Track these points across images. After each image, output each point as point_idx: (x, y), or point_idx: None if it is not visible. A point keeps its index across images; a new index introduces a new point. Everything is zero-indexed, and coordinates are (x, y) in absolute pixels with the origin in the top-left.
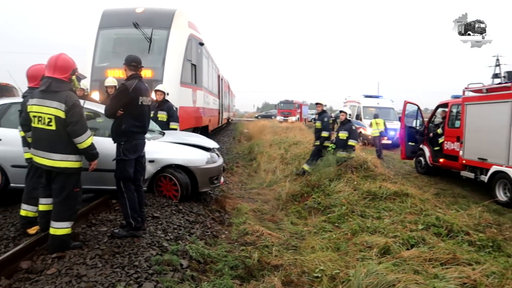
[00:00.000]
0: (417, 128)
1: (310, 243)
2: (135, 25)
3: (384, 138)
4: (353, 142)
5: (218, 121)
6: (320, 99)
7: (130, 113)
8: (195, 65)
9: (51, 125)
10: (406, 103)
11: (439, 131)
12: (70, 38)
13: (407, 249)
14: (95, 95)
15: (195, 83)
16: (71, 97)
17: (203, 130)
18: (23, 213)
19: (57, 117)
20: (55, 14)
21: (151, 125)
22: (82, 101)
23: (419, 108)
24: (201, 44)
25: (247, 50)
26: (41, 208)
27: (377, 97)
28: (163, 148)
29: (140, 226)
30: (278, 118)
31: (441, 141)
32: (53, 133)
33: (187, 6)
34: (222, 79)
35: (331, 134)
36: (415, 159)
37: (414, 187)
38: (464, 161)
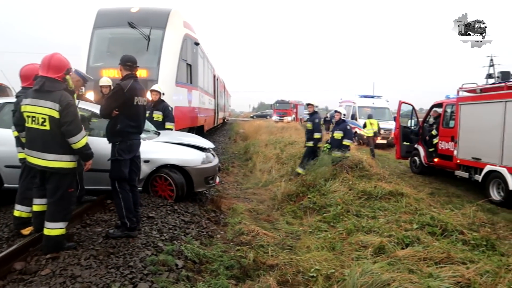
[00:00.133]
0: (412, 128)
1: (305, 243)
2: (130, 25)
3: (377, 138)
4: (348, 142)
5: (213, 121)
6: (311, 100)
7: (125, 113)
8: (190, 65)
9: (45, 125)
10: (401, 103)
11: (434, 132)
12: (70, 38)
13: (402, 249)
14: (90, 95)
15: (191, 83)
16: (65, 97)
17: (198, 130)
18: (17, 213)
19: (51, 117)
20: (55, 14)
21: (146, 125)
22: (76, 101)
23: (413, 108)
24: (197, 44)
25: (243, 50)
26: (35, 208)
27: (372, 97)
28: (158, 148)
29: (135, 226)
30: (273, 118)
31: (435, 141)
32: (47, 133)
33: (183, 5)
34: (217, 79)
35: (322, 134)
36: (410, 159)
37: (409, 186)
38: (458, 161)
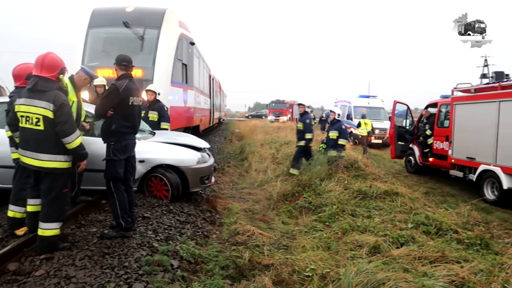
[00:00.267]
0: (407, 127)
1: (301, 243)
2: (125, 24)
3: (371, 137)
4: (343, 141)
5: (209, 121)
6: (302, 100)
7: (120, 113)
8: (186, 65)
9: (39, 125)
10: (395, 102)
11: (428, 132)
12: (70, 38)
13: (397, 248)
14: (85, 95)
15: (186, 82)
16: (59, 97)
17: (194, 130)
18: (10, 214)
19: (45, 117)
20: (55, 14)
21: (142, 125)
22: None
23: (408, 108)
24: (192, 43)
25: (239, 50)
26: (29, 209)
27: (368, 97)
28: (153, 148)
29: (130, 226)
30: (269, 118)
31: (430, 141)
32: (41, 133)
33: (178, 5)
34: (213, 79)
35: (313, 135)
36: (405, 159)
37: (404, 186)
38: (453, 160)
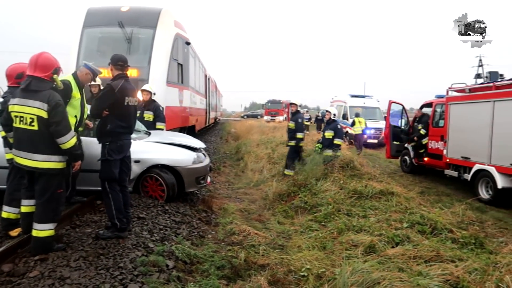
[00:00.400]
0: (402, 127)
1: (296, 242)
2: (121, 24)
3: (365, 135)
4: (338, 141)
5: (205, 120)
6: (294, 99)
7: (115, 113)
8: (181, 65)
9: (33, 125)
10: (391, 102)
11: (423, 131)
12: (70, 37)
13: (392, 247)
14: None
15: (182, 82)
16: (53, 97)
17: (190, 130)
18: (4, 215)
19: (39, 117)
20: (55, 14)
21: (137, 125)
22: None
23: (403, 107)
24: (188, 43)
25: (235, 50)
26: (23, 209)
27: (363, 96)
28: (149, 148)
29: (125, 227)
30: (265, 118)
31: (424, 142)
32: (36, 133)
33: (174, 5)
34: (209, 79)
35: (304, 134)
36: (400, 158)
37: (399, 185)
38: (448, 160)
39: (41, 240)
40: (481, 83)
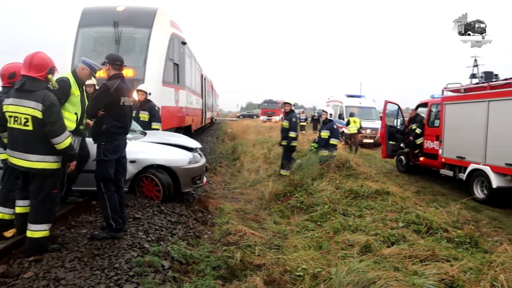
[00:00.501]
0: (398, 127)
1: (292, 242)
2: (116, 24)
3: (360, 135)
4: (334, 141)
5: (201, 120)
6: (288, 99)
7: (111, 113)
8: (177, 65)
9: (27, 125)
10: (386, 102)
11: (418, 131)
12: (65, 37)
13: (388, 247)
14: None
15: (178, 82)
16: (48, 97)
17: (186, 130)
18: None
19: (34, 117)
20: (55, 14)
21: (133, 125)
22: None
23: (399, 107)
24: (184, 43)
25: (231, 50)
26: (18, 210)
27: (359, 96)
28: (144, 148)
29: (120, 227)
30: (261, 117)
31: (419, 142)
32: (30, 134)
33: (170, 5)
34: (205, 79)
35: (298, 134)
36: (396, 158)
37: (395, 185)
38: (443, 160)
39: (35, 241)
40: (476, 83)
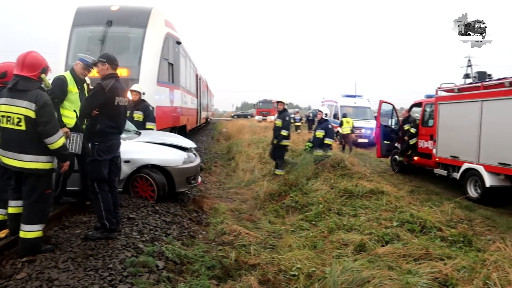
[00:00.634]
0: (392, 127)
1: (287, 242)
2: (110, 24)
3: (353, 134)
4: (329, 140)
5: (196, 120)
6: (281, 98)
7: (105, 113)
8: (172, 64)
9: (20, 125)
10: (381, 102)
11: (413, 130)
12: (59, 37)
13: (382, 246)
14: None
15: (173, 82)
16: (41, 96)
17: (181, 129)
18: None
19: (27, 117)
20: (55, 13)
21: (127, 124)
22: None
23: (394, 107)
24: (178, 43)
25: (226, 49)
26: (11, 210)
27: (354, 96)
28: (139, 148)
29: (114, 227)
30: (257, 117)
31: (412, 142)
32: (23, 134)
33: (164, 4)
34: (200, 79)
35: (289, 133)
36: (390, 158)
37: (389, 185)
38: (437, 159)
39: (28, 241)
40: (470, 83)
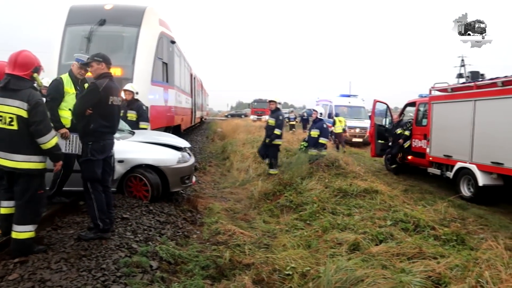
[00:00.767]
0: (387, 126)
1: (281, 241)
2: (104, 22)
3: (345, 133)
4: (324, 140)
5: (191, 120)
6: (274, 97)
7: (99, 112)
8: (166, 64)
9: (12, 125)
10: (375, 101)
11: (407, 132)
12: (52, 36)
13: (376, 245)
14: None
15: (167, 81)
16: (34, 96)
17: (175, 129)
18: None
19: (19, 117)
20: (55, 14)
21: (121, 124)
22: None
23: (388, 107)
24: (173, 42)
25: (221, 49)
26: (3, 211)
27: (349, 96)
28: (132, 147)
29: (108, 228)
30: (251, 117)
31: (407, 145)
32: (15, 133)
33: (158, 3)
34: (194, 78)
35: (282, 132)
36: (384, 157)
37: (383, 184)
38: (431, 158)
39: (21, 242)
40: (463, 83)
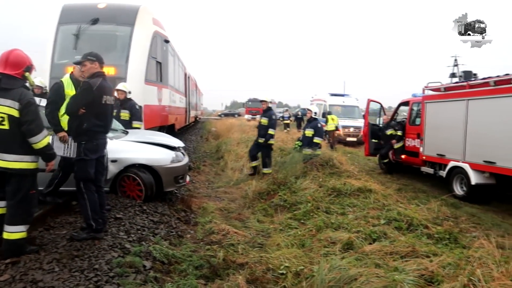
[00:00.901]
0: (380, 125)
1: (275, 240)
2: (97, 21)
3: (338, 130)
4: (318, 139)
5: (185, 119)
6: (264, 97)
7: (92, 112)
8: (160, 63)
9: (3, 125)
10: (369, 101)
11: (400, 132)
12: (45, 35)
13: (370, 244)
14: None
15: (161, 81)
16: (25, 95)
17: (169, 129)
18: None
19: (10, 116)
20: (54, 13)
21: (114, 123)
22: (38, 99)
23: (382, 106)
24: (167, 41)
25: (215, 48)
26: None
27: (343, 95)
28: (126, 147)
29: (101, 228)
30: (246, 116)
31: (398, 146)
32: (6, 133)
33: (152, 2)
34: (189, 77)
35: (275, 132)
36: (378, 156)
37: (377, 183)
38: (424, 157)
39: (12, 242)
40: (456, 82)
